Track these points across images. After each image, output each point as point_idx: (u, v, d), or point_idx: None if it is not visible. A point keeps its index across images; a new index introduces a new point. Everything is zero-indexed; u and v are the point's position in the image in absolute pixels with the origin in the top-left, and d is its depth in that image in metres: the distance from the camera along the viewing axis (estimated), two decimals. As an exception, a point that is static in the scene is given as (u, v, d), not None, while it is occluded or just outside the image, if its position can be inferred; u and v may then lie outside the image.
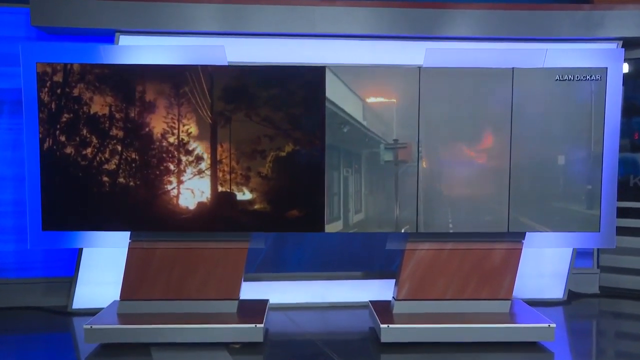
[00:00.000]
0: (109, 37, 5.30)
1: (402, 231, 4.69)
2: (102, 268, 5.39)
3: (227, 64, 4.67)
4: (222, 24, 5.34)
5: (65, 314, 5.41)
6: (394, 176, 4.67)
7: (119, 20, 5.19)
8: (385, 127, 4.65)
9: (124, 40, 5.28)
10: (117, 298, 4.82)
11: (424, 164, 4.65)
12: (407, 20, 5.46)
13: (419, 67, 4.63)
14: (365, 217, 4.70)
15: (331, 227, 4.67)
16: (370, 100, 4.66)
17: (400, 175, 4.66)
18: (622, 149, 5.37)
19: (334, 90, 4.59)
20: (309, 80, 4.59)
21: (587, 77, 4.61)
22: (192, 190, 4.61)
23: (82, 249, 5.38)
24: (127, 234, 4.74)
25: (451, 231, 4.71)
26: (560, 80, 4.60)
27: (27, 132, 4.66)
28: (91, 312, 4.87)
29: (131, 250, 4.75)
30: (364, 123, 4.65)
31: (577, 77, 4.61)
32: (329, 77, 4.57)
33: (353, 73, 4.66)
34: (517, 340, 4.52)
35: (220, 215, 4.63)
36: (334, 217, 4.69)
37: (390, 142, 4.65)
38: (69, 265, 5.54)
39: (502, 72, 4.62)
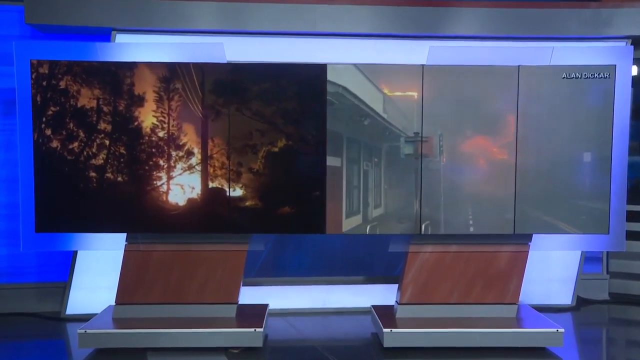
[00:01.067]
0: (105, 35, 5.34)
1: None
2: (97, 272, 5.41)
3: (226, 61, 4.71)
4: (221, 23, 5.39)
5: (59, 320, 5.44)
6: (398, 175, 4.73)
7: (115, 18, 5.25)
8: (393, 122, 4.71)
9: (120, 38, 5.32)
10: (113, 303, 4.83)
11: (428, 163, 4.70)
12: (410, 19, 5.51)
13: (422, 65, 4.68)
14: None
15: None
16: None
17: (404, 174, 4.71)
18: (632, 152, 5.39)
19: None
20: (310, 77, 4.65)
21: (596, 75, 4.64)
22: (190, 186, 4.66)
23: (76, 252, 5.40)
24: (123, 236, 4.76)
25: (456, 233, 4.75)
26: (567, 78, 4.64)
27: (20, 131, 4.69)
28: (85, 318, 4.86)
29: (127, 253, 4.77)
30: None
31: (585, 75, 4.64)
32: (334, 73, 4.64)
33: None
34: (524, 346, 4.53)
35: (220, 216, 4.68)
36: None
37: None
38: (62, 270, 5.56)
39: (507, 70, 4.66)
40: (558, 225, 4.71)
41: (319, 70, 4.63)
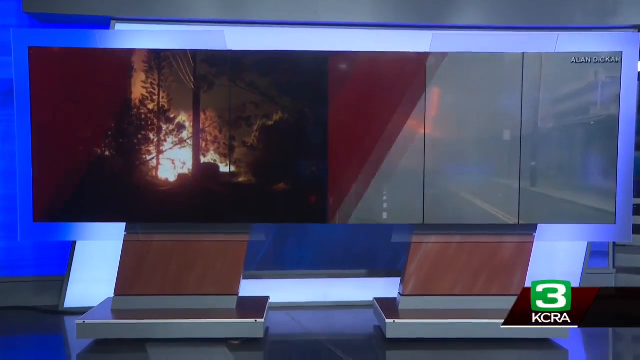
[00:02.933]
0: (104, 25, 5.36)
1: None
2: (95, 265, 5.43)
3: (226, 49, 4.74)
4: (220, 12, 5.42)
5: (57, 313, 5.46)
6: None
7: (114, 7, 5.28)
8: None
9: (119, 27, 5.35)
10: (112, 295, 4.85)
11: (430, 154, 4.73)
12: (413, 9, 5.54)
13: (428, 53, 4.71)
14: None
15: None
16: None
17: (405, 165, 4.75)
18: (638, 147, 5.40)
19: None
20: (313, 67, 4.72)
21: (602, 61, 4.66)
22: (187, 178, 4.70)
23: (74, 245, 5.44)
24: (122, 226, 4.79)
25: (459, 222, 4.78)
26: (576, 62, 4.65)
27: (18, 119, 4.72)
28: (83, 311, 4.85)
29: (126, 244, 4.79)
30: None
31: (591, 60, 4.66)
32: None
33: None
34: (529, 337, 4.54)
35: (217, 205, 4.73)
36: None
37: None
38: (60, 263, 5.59)
39: (511, 57, 4.69)
40: (563, 215, 4.73)
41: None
